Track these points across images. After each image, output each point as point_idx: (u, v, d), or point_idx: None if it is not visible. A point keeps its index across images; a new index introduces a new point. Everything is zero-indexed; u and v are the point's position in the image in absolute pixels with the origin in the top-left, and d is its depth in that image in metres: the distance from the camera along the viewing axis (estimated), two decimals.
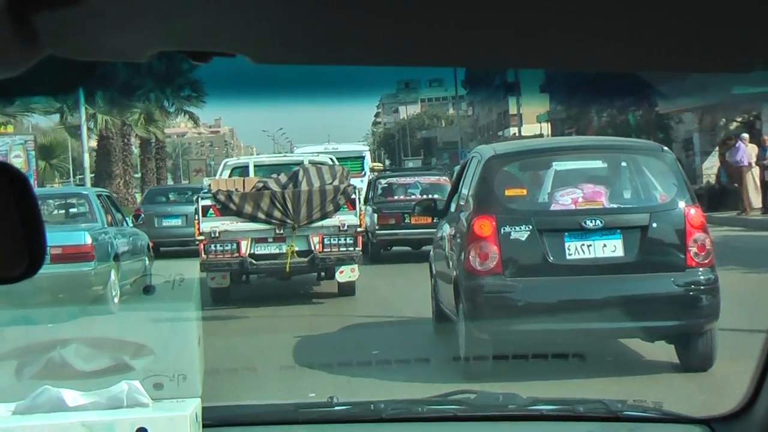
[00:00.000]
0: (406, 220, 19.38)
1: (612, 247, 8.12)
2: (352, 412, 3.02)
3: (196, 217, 13.52)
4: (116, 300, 13.11)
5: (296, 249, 13.55)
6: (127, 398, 2.70)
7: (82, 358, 3.31)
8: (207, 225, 13.45)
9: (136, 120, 39.32)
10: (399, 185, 21.27)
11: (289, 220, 13.41)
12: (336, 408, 3.00)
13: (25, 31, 1.15)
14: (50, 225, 13.74)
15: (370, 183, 21.69)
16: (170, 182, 60.78)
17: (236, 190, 13.56)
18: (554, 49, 1.32)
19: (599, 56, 1.38)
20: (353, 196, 13.62)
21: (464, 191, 9.14)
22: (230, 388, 7.86)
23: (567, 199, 8.31)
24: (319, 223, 13.52)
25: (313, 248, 13.48)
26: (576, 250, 8.09)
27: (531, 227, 8.05)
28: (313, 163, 15.02)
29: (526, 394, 3.13)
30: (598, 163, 8.96)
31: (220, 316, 12.17)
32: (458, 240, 8.62)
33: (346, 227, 13.58)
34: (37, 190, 19.70)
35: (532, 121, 61.63)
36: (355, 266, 13.66)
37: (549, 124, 58.61)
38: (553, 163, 8.68)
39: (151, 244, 15.91)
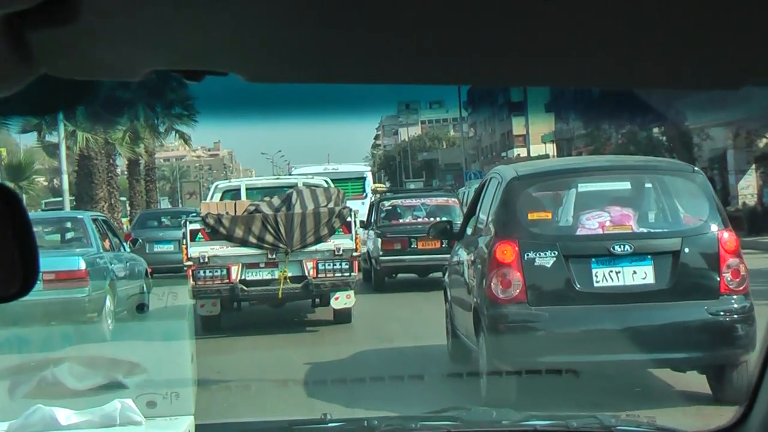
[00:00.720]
0: (413, 245, 18.30)
1: (642, 274, 7.74)
2: (345, 429, 3.02)
3: (184, 242, 13.06)
4: (111, 327, 12.80)
5: (289, 274, 13.06)
6: (120, 416, 2.70)
7: (75, 377, 3.31)
8: (195, 250, 12.96)
9: (121, 139, 36.47)
10: (404, 207, 19.92)
11: (281, 245, 12.95)
12: (330, 425, 2.99)
13: (20, 50, 1.17)
14: (44, 249, 13.41)
15: (372, 205, 20.56)
16: (167, 205, 55.84)
17: (227, 213, 13.15)
18: (551, 67, 1.34)
19: (592, 74, 1.39)
20: (349, 219, 13.17)
21: (483, 214, 8.82)
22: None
23: (593, 223, 7.96)
24: (314, 248, 13.07)
25: (306, 274, 13.02)
26: (604, 277, 7.72)
27: (556, 253, 7.69)
28: (307, 185, 14.57)
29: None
30: (626, 185, 8.59)
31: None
32: (478, 265, 8.30)
33: (341, 251, 13.09)
34: (31, 214, 19.47)
35: (536, 141, 61.05)
36: (351, 292, 13.14)
37: (554, 145, 57.55)
38: (579, 185, 8.34)
39: (149, 270, 15.59)
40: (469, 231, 9.54)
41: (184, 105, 37.95)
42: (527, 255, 7.67)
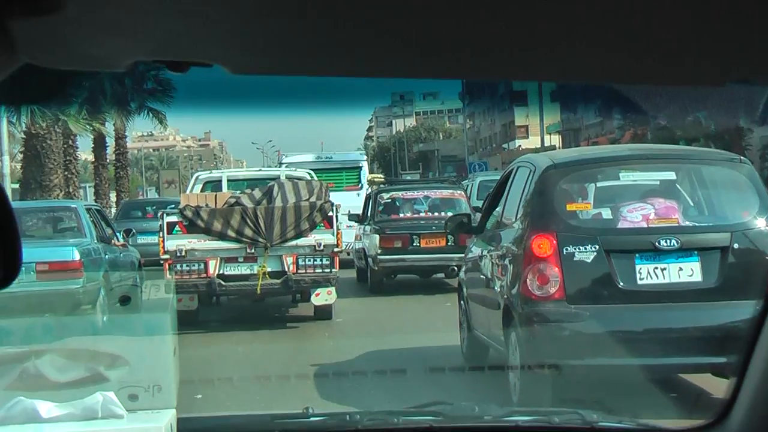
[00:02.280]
0: (415, 243, 16.72)
1: (689, 271, 7.27)
2: (328, 423, 3.03)
3: (161, 235, 12.95)
4: (104, 319, 12.54)
5: (268, 270, 12.86)
6: (102, 409, 2.70)
7: (57, 369, 3.30)
8: (173, 243, 12.78)
9: (77, 113, 29.90)
10: (405, 201, 18.22)
11: (261, 239, 12.78)
12: (312, 419, 2.99)
13: (2, 40, 1.15)
14: (37, 240, 13.36)
15: (368, 197, 19.03)
16: (155, 195, 53.02)
17: (206, 205, 12.98)
18: (545, 62, 1.33)
19: (586, 69, 1.39)
20: (330, 214, 13.00)
21: (511, 206, 8.36)
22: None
23: (637, 216, 7.50)
24: (294, 242, 12.88)
25: (286, 269, 12.83)
26: (648, 273, 7.25)
27: (597, 247, 7.22)
28: (289, 177, 14.52)
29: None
30: (669, 175, 8.05)
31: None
32: (508, 261, 7.88)
33: (322, 247, 12.87)
34: (22, 203, 19.21)
35: (538, 132, 59.79)
36: (332, 289, 13.00)
37: (560, 136, 56.08)
38: (620, 174, 7.94)
39: (141, 261, 15.38)
40: (489, 224, 9.19)
41: (157, 80, 33.42)
42: (566, 249, 7.23)
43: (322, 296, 13.01)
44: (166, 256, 12.85)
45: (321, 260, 12.89)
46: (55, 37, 1.27)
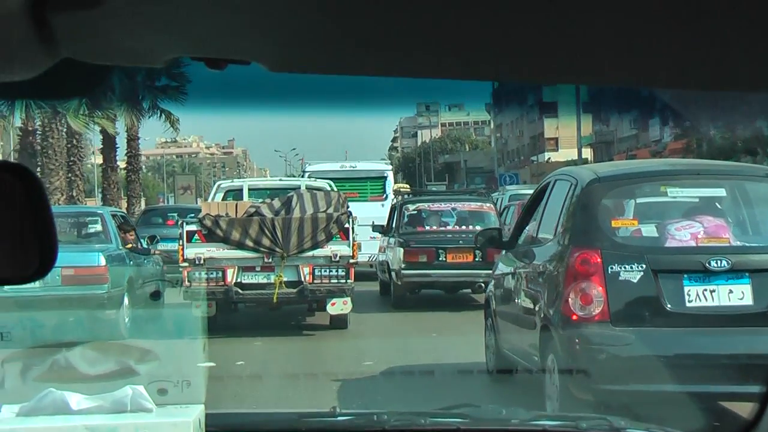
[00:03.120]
0: (441, 258, 16.05)
1: (739, 294, 6.96)
2: (354, 423, 3.05)
3: (180, 243, 13.36)
4: (128, 325, 12.91)
5: (285, 279, 13.25)
6: (131, 403, 2.73)
7: (88, 362, 3.34)
8: (192, 251, 13.21)
9: (76, 109, 27.01)
10: (431, 212, 17.54)
11: (278, 249, 13.17)
12: (339, 418, 3.00)
13: (43, 33, 1.17)
14: (62, 245, 13.22)
15: (393, 208, 18.49)
16: (171, 202, 52.11)
17: (227, 214, 13.48)
18: (564, 64, 1.33)
19: (615, 71, 1.39)
20: (346, 225, 13.33)
21: (549, 220, 8.09)
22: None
23: (685, 234, 7.20)
24: (310, 253, 13.26)
25: (302, 279, 13.22)
26: (697, 296, 6.94)
27: (644, 266, 6.91)
28: (309, 188, 14.94)
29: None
30: (719, 191, 7.77)
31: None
32: (547, 279, 7.60)
33: (338, 258, 13.22)
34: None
35: (569, 145, 58.12)
36: (348, 299, 13.34)
37: (591, 149, 54.61)
38: (668, 190, 7.69)
39: (164, 268, 15.68)
40: (520, 240, 8.93)
41: (170, 75, 30.37)
42: (611, 268, 6.90)
43: (338, 306, 13.28)
44: (185, 264, 13.19)
45: (337, 271, 13.18)
46: (94, 31, 1.29)
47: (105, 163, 34.45)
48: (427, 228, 17.19)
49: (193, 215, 14.56)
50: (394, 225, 17.45)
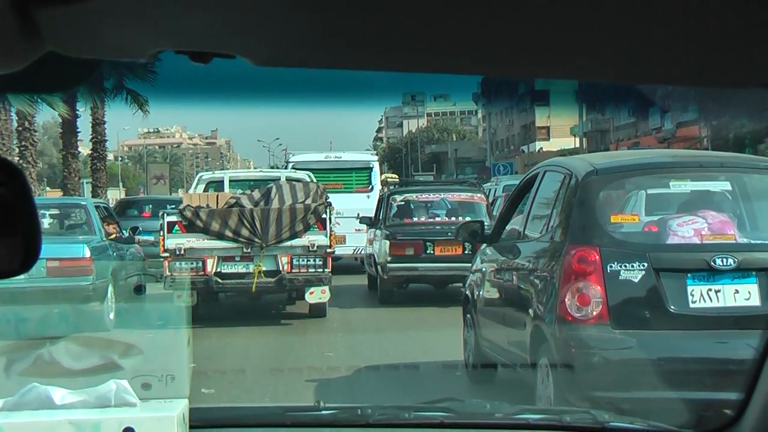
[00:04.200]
0: (429, 251, 15.58)
1: (745, 294, 6.61)
2: (339, 417, 3.06)
3: (161, 234, 13.78)
4: (112, 316, 13.11)
5: (264, 269, 13.68)
6: (115, 397, 2.73)
7: (72, 356, 3.34)
8: (172, 242, 13.61)
9: None
10: (419, 203, 17.09)
11: (256, 239, 13.62)
12: (323, 412, 3.00)
13: (27, 27, 1.17)
14: (47, 236, 13.27)
15: (381, 199, 18.02)
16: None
17: (207, 205, 13.92)
18: (560, 60, 1.33)
19: (602, 67, 1.39)
20: (324, 216, 13.82)
21: (538, 215, 7.79)
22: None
23: (688, 230, 6.84)
24: (288, 243, 13.73)
25: (281, 268, 13.67)
26: (701, 296, 6.60)
27: (646, 265, 6.57)
28: (289, 179, 15.47)
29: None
30: (724, 185, 7.38)
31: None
32: (539, 277, 7.29)
33: (315, 247, 13.70)
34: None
35: (561, 134, 56.25)
36: (326, 288, 13.84)
37: (585, 138, 53.45)
38: (670, 183, 7.35)
39: (146, 259, 15.97)
40: (504, 234, 8.63)
41: None
42: (610, 266, 6.57)
43: (316, 294, 13.70)
44: (166, 254, 13.57)
45: (314, 260, 13.61)
46: (79, 24, 1.29)
47: (65, 149, 31.84)
48: (415, 219, 16.77)
49: (173, 206, 14.85)
50: (381, 217, 16.97)
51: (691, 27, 1.27)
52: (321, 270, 13.60)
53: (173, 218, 13.69)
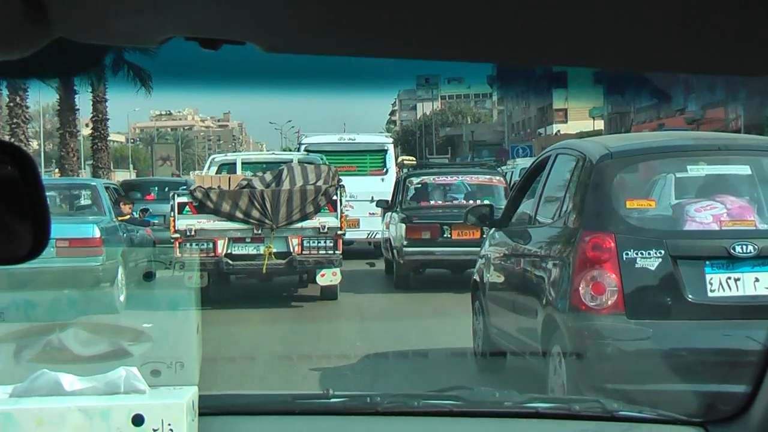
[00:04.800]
0: (446, 234, 15.22)
1: (766, 282, 6.39)
2: (348, 405, 3.07)
3: (172, 215, 13.88)
4: (122, 298, 13.18)
5: (274, 250, 13.74)
6: (125, 384, 2.74)
7: (81, 343, 3.35)
8: (183, 223, 13.71)
9: None
10: (437, 186, 16.79)
11: (267, 221, 13.67)
12: (332, 400, 3.00)
13: (36, 12, 1.16)
14: (56, 217, 13.60)
15: (398, 183, 17.70)
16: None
17: (218, 187, 14.01)
18: (567, 46, 1.32)
19: (612, 54, 1.38)
20: (334, 198, 13.84)
21: (550, 200, 7.58)
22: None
23: (706, 216, 6.59)
24: (299, 225, 13.79)
25: (291, 250, 13.75)
26: (720, 284, 6.36)
27: (663, 252, 6.34)
28: (300, 161, 15.60)
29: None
30: (744, 169, 7.12)
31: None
32: (551, 264, 7.08)
33: (326, 229, 13.74)
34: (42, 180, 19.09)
35: (579, 116, 54.72)
36: (337, 270, 13.88)
37: (604, 121, 51.85)
38: (688, 166, 7.07)
39: (155, 242, 15.85)
40: (514, 219, 8.43)
41: None
42: (626, 254, 6.35)
43: (327, 277, 13.71)
44: (177, 235, 13.64)
45: (325, 242, 13.64)
46: (88, 10, 1.28)
47: (62, 127, 30.85)
48: (432, 203, 16.43)
49: (185, 188, 14.95)
50: (398, 200, 16.67)
51: (699, 14, 1.26)
52: (332, 252, 13.62)
53: (184, 199, 13.73)
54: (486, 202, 14.39)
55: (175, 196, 13.88)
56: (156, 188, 24.02)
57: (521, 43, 1.40)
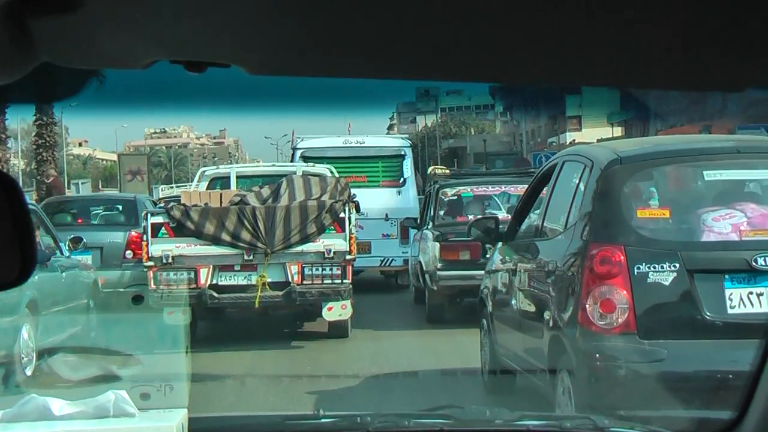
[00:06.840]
0: (488, 255, 12.77)
1: None
2: (338, 425, 3.08)
3: (145, 238, 11.71)
4: (29, 371, 7.99)
5: (269, 280, 11.59)
6: (114, 408, 2.74)
7: (70, 367, 3.34)
8: (158, 248, 11.55)
9: None
10: (475, 198, 14.83)
11: (260, 244, 11.54)
12: (323, 420, 3.00)
13: (21, 38, 1.18)
14: None
15: (428, 196, 15.41)
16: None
17: (205, 204, 11.77)
18: (557, 66, 1.34)
19: (601, 72, 1.40)
20: (342, 215, 11.68)
21: (557, 210, 7.20)
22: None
23: (725, 226, 6.14)
24: (299, 248, 11.61)
25: (290, 279, 11.57)
26: (741, 300, 5.91)
27: (677, 265, 5.92)
28: (305, 173, 13.14)
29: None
30: (765, 174, 6.79)
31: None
32: (557, 279, 6.69)
33: (332, 254, 11.53)
34: None
35: (593, 124, 53.54)
36: (347, 302, 11.72)
37: (623, 127, 50.92)
38: (704, 172, 6.64)
39: (100, 281, 12.97)
40: (521, 231, 8.08)
41: None
42: (638, 267, 5.93)
43: (335, 311, 11.63)
44: (150, 263, 11.56)
45: (330, 269, 11.48)
46: (73, 35, 1.30)
47: (39, 147, 28.07)
48: (470, 218, 13.18)
49: (160, 206, 12.48)
50: (430, 216, 14.46)
51: (689, 31, 1.28)
52: (339, 281, 11.42)
53: (159, 219, 11.61)
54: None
55: (149, 215, 11.77)
56: (91, 207, 17.64)
57: (510, 61, 1.42)
